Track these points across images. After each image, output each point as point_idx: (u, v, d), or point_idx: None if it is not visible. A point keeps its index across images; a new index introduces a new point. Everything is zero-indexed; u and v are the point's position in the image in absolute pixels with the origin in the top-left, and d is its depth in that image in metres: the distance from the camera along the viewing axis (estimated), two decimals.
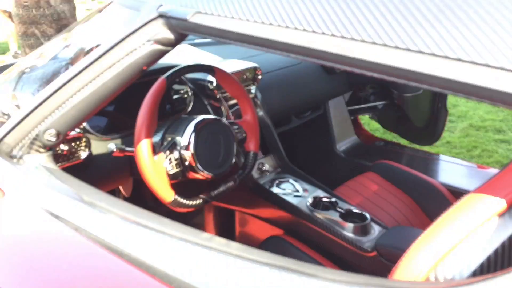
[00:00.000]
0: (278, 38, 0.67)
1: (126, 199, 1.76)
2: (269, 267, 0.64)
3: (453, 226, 0.56)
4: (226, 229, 1.83)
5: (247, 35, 0.72)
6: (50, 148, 1.01)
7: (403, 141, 3.05)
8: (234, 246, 0.69)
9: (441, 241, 0.56)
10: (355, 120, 2.62)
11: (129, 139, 1.39)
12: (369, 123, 3.67)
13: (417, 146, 2.82)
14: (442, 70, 0.54)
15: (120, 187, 1.75)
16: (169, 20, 0.86)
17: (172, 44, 0.90)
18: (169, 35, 0.88)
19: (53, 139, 0.97)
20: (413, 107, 2.47)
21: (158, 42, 0.88)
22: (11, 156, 0.98)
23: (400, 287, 0.51)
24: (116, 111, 1.42)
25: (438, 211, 2.01)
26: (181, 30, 0.85)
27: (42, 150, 1.00)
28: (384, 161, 1.97)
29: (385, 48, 0.58)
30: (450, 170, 2.17)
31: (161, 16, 0.87)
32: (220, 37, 0.78)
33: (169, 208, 1.22)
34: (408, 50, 0.57)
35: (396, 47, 0.57)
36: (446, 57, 0.54)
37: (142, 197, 1.99)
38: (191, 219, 1.92)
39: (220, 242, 0.71)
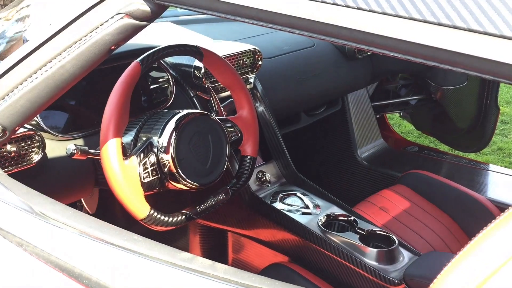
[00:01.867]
0: (281, 10, 0.68)
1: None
2: None
3: (494, 246, 0.57)
4: (216, 255, 1.84)
5: (241, 6, 0.73)
6: None
7: (443, 147, 3.07)
8: (222, 269, 0.69)
9: (478, 265, 0.57)
10: (382, 119, 2.64)
11: (93, 139, 1.40)
12: (399, 124, 3.69)
13: (460, 153, 2.84)
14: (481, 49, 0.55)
15: (83, 202, 1.77)
16: None
17: (148, 18, 0.90)
18: (144, 7, 0.89)
19: None
20: (456, 104, 2.49)
21: (130, 15, 0.89)
22: None
23: None
24: (77, 104, 1.43)
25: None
26: (159, 0, 0.87)
27: None
28: (418, 171, 1.99)
29: (411, 22, 0.59)
30: (502, 184, 2.19)
31: None
32: (207, 9, 0.79)
33: (145, 228, 1.23)
34: (441, 25, 0.58)
35: (425, 21, 0.59)
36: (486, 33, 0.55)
37: (111, 214, 2.00)
38: (172, 241, 1.93)
39: (204, 263, 0.72)
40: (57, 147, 1.34)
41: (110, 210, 1.99)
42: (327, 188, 1.75)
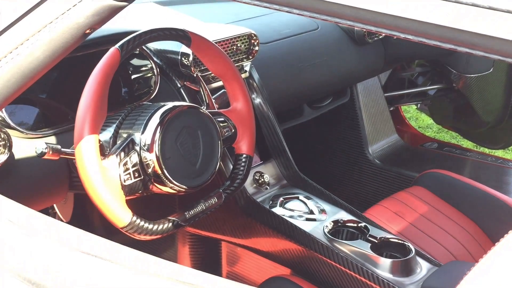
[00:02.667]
0: None
1: None
2: None
3: None
4: (209, 268, 1.85)
5: None
6: None
7: (466, 143, 3.09)
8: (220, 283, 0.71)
9: (501, 275, 0.57)
10: (396, 112, 2.67)
11: (67, 137, 1.40)
12: (416, 117, 3.71)
13: (485, 150, 2.86)
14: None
15: (56, 208, 1.78)
16: None
17: None
18: None
19: None
20: (480, 94, 2.52)
21: None
22: None
23: None
24: (48, 97, 1.44)
25: None
26: None
27: None
28: (437, 171, 2.02)
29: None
30: None
31: None
32: None
33: (128, 238, 1.24)
34: (458, 2, 0.59)
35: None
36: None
37: (88, 222, 2.01)
38: (158, 252, 1.95)
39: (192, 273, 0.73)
40: (25, 146, 1.34)
41: (87, 218, 2.01)
42: (334, 191, 1.77)
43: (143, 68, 1.62)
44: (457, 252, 1.72)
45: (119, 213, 1.19)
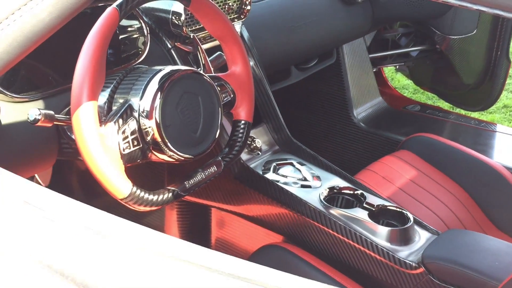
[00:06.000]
0: None
1: None
2: None
3: None
4: (197, 235, 1.86)
5: None
6: None
7: (442, 104, 3.14)
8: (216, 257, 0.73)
9: None
10: (379, 73, 2.69)
11: (56, 101, 1.38)
12: (392, 78, 3.76)
13: (463, 112, 2.91)
14: None
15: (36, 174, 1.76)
16: None
17: None
18: None
19: None
20: (462, 56, 2.57)
21: None
22: None
23: None
24: (36, 57, 1.39)
25: (501, 206, 2.07)
26: None
27: None
28: (423, 134, 2.05)
29: None
30: None
31: None
32: None
33: (106, 204, 1.22)
34: None
35: None
36: None
37: (66, 186, 1.99)
38: (144, 218, 1.95)
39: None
40: (12, 111, 1.31)
41: (66, 182, 1.99)
42: (321, 155, 1.79)
43: (131, 28, 1.58)
44: (448, 219, 1.75)
45: (119, 184, 1.18)
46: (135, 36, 1.58)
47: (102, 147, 1.14)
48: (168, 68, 1.28)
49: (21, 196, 0.90)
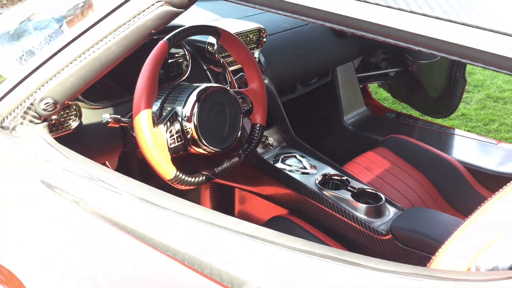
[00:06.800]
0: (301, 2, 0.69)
1: None
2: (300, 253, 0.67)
3: (499, 214, 0.60)
4: (224, 208, 1.86)
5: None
6: (45, 118, 1.03)
7: (414, 112, 3.09)
8: (265, 232, 0.73)
9: (486, 230, 0.60)
10: (364, 89, 2.65)
11: (121, 107, 1.40)
12: (376, 91, 3.70)
13: (429, 119, 2.86)
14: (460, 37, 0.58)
15: (107, 163, 1.77)
16: None
17: (185, 6, 0.90)
18: None
19: (50, 108, 0.99)
20: (429, 76, 2.50)
21: (169, 2, 0.89)
22: (2, 127, 1.00)
23: (448, 277, 0.56)
24: (107, 76, 1.42)
25: (455, 191, 2.00)
26: None
27: (36, 120, 1.01)
28: (397, 136, 2.02)
29: (397, 12, 0.62)
30: (467, 147, 2.22)
31: None
32: (245, 1, 0.80)
33: (162, 184, 1.24)
34: (424, 15, 0.60)
35: (412, 12, 0.61)
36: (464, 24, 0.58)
37: (129, 171, 2.00)
38: (185, 195, 1.94)
39: (249, 227, 0.75)
40: (90, 115, 1.34)
41: (128, 169, 2.00)
42: (318, 150, 1.77)
43: (177, 55, 1.59)
44: (413, 199, 1.74)
45: (167, 169, 1.20)
46: (180, 60, 1.59)
47: (154, 143, 1.16)
48: (203, 85, 1.29)
49: (97, 175, 0.92)
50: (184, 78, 1.57)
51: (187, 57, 1.58)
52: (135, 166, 2.00)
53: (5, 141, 0.97)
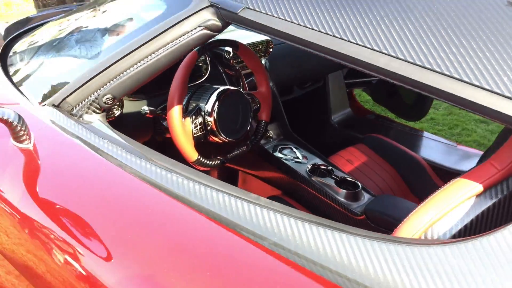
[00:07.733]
0: (321, 42, 0.81)
1: None
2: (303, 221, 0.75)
3: (443, 201, 0.75)
4: None
5: (290, 35, 0.86)
6: (104, 109, 1.14)
7: (391, 115, 3.15)
8: (277, 205, 0.80)
9: (433, 211, 0.74)
10: (350, 93, 2.69)
11: (152, 101, 1.48)
12: (359, 94, 3.73)
13: (403, 121, 2.94)
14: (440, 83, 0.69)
15: None
16: (219, 10, 0.98)
17: (219, 30, 1.01)
18: (218, 23, 1.00)
19: (109, 102, 1.10)
20: None
21: (207, 28, 1.00)
22: (72, 114, 1.11)
23: (404, 242, 0.70)
24: None
25: (419, 183, 2.04)
26: (229, 20, 0.98)
27: (98, 111, 1.12)
28: (375, 135, 2.06)
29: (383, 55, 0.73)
30: (432, 147, 2.26)
31: (212, 5, 0.99)
32: (262, 31, 0.92)
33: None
34: (415, 64, 0.72)
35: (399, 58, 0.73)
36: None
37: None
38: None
39: (266, 201, 0.85)
40: (129, 106, 1.42)
41: (158, 151, 2.04)
42: (309, 143, 1.81)
43: (198, 60, 1.65)
44: (384, 188, 1.78)
45: (191, 153, 1.29)
46: (200, 64, 1.66)
47: (183, 131, 1.25)
48: (222, 87, 1.37)
49: (137, 148, 0.97)
50: (203, 79, 1.64)
51: (207, 61, 1.65)
52: (159, 150, 2.04)
53: (75, 124, 1.06)
